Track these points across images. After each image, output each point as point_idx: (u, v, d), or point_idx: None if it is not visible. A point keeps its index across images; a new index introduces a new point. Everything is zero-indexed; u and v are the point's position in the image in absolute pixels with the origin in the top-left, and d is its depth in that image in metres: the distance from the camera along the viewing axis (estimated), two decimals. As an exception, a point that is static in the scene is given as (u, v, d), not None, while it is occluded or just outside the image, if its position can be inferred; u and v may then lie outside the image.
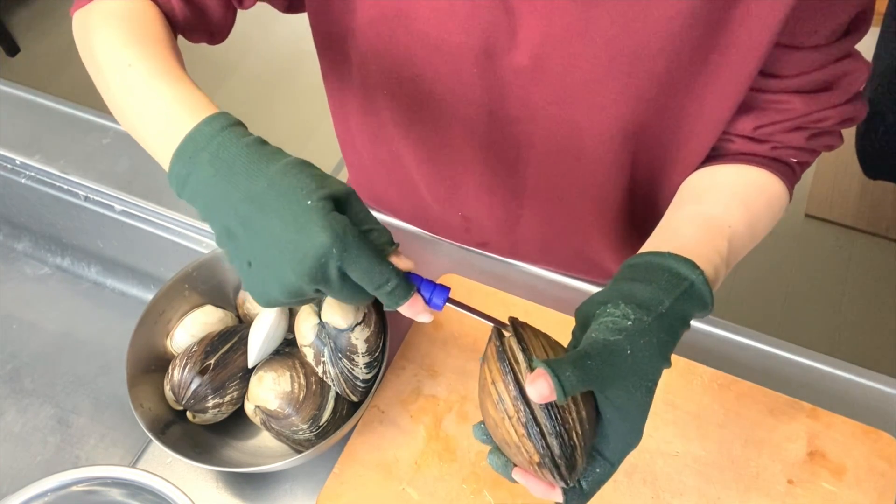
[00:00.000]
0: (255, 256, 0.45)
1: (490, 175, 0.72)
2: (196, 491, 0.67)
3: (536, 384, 0.42)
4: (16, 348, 0.83)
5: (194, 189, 0.46)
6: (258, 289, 0.47)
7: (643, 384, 0.44)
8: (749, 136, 0.62)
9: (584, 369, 0.42)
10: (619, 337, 0.44)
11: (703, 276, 0.48)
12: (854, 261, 1.93)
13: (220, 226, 0.46)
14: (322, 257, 0.43)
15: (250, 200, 0.44)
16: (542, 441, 0.44)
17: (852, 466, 0.63)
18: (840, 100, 0.59)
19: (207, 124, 0.47)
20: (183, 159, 0.46)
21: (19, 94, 0.97)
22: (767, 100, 0.60)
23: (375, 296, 0.47)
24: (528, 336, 0.48)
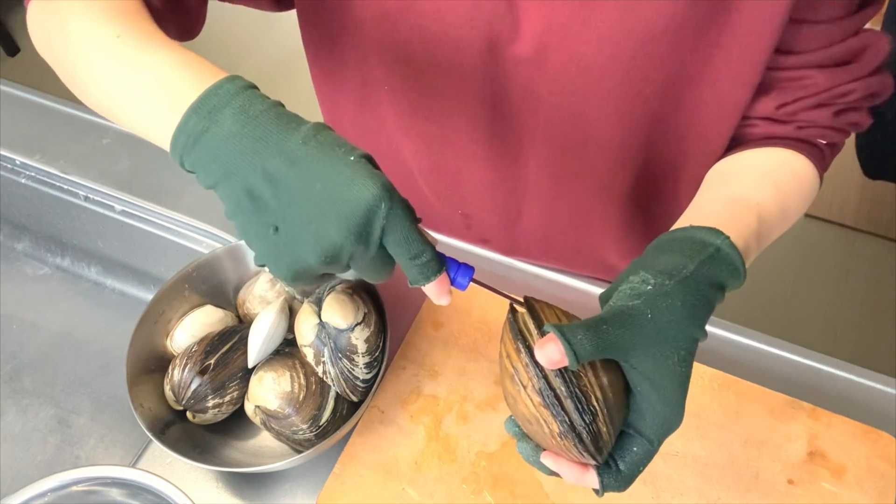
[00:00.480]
0: (286, 218, 0.41)
1: (491, 170, 0.72)
2: (196, 491, 0.67)
3: (545, 348, 0.40)
4: (16, 348, 0.83)
5: (210, 147, 0.41)
6: (286, 256, 0.42)
7: (674, 352, 0.42)
8: (772, 117, 0.60)
9: (597, 333, 0.40)
10: (638, 301, 0.42)
11: (729, 241, 0.46)
12: (854, 261, 1.93)
13: (239, 187, 0.41)
14: (370, 211, 0.40)
15: (283, 156, 0.40)
16: (559, 405, 0.41)
17: (852, 466, 0.63)
18: (863, 72, 0.58)
19: (230, 81, 0.43)
20: (200, 114, 0.42)
21: (19, 94, 0.97)
22: (788, 77, 0.58)
23: (405, 267, 0.44)
24: (541, 307, 0.46)
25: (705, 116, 0.61)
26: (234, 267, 0.73)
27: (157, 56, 0.45)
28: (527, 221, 0.78)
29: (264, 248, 0.43)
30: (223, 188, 0.42)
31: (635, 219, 0.75)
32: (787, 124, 0.61)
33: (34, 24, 0.54)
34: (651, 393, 0.42)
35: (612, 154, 0.66)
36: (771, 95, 0.60)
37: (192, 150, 0.42)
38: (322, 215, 0.40)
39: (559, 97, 0.61)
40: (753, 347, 0.72)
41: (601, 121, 0.63)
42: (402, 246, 0.42)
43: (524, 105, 0.64)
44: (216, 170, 0.41)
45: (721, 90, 0.59)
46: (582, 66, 0.58)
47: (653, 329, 0.41)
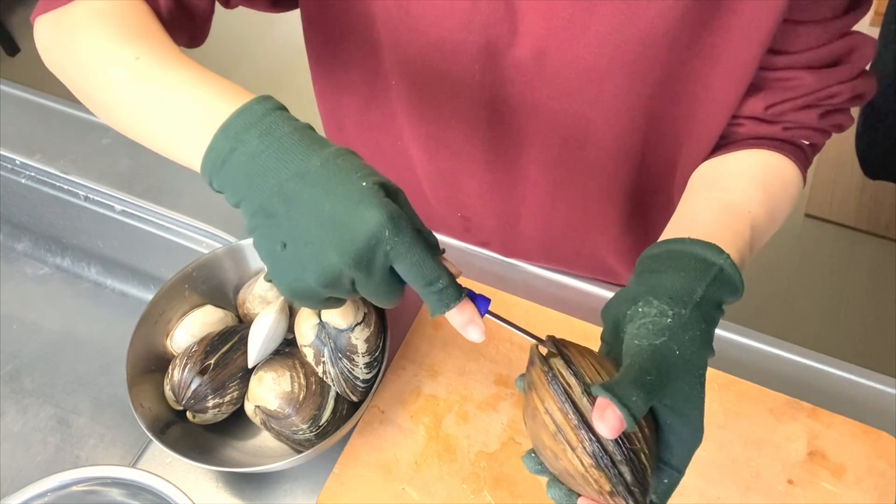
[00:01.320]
0: (293, 236, 0.42)
1: (490, 173, 0.72)
2: (196, 491, 0.67)
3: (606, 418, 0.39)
4: (16, 348, 0.83)
5: (235, 165, 0.43)
6: (290, 273, 0.43)
7: (696, 380, 0.42)
8: (759, 117, 0.61)
9: (646, 389, 0.40)
10: (665, 338, 0.42)
11: (731, 260, 0.46)
12: (854, 261, 1.93)
13: (257, 203, 0.42)
14: (372, 238, 0.40)
15: (300, 177, 0.41)
16: (614, 469, 0.41)
17: (852, 466, 0.63)
18: (850, 75, 0.58)
19: (258, 103, 0.44)
20: (229, 134, 0.43)
21: (19, 94, 0.97)
22: (777, 77, 0.59)
23: (423, 296, 0.44)
24: (574, 356, 0.44)
25: (699, 115, 0.62)
26: (234, 267, 0.73)
27: (179, 77, 0.47)
28: (525, 224, 0.78)
29: (271, 263, 0.44)
30: (245, 204, 0.43)
31: (632, 219, 0.75)
32: (774, 124, 0.61)
33: (43, 41, 0.55)
34: (679, 425, 0.42)
35: (610, 155, 0.66)
36: (760, 95, 0.60)
37: (220, 170, 0.43)
38: (325, 238, 0.41)
39: (558, 100, 0.61)
40: (753, 347, 0.72)
41: (600, 123, 0.63)
42: (415, 273, 0.42)
43: (522, 108, 0.64)
44: (240, 187, 0.43)
45: (714, 89, 0.59)
46: (581, 70, 0.58)
47: (682, 364, 0.42)
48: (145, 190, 0.85)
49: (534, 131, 0.66)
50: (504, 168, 0.71)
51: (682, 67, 0.57)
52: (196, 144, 0.45)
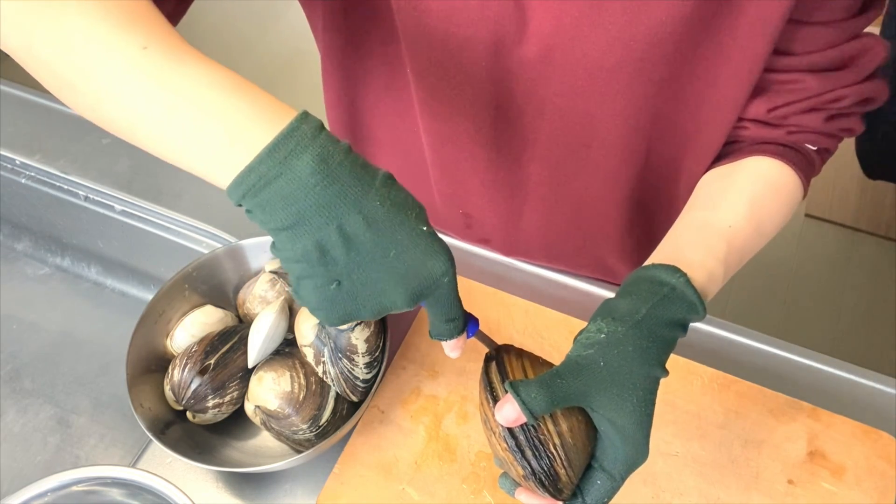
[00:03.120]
0: (351, 276, 0.42)
1: (494, 170, 0.72)
2: (196, 491, 0.67)
3: (503, 409, 0.45)
4: (16, 348, 0.83)
5: (281, 194, 0.39)
6: (343, 309, 0.43)
7: (631, 394, 0.45)
8: (763, 119, 0.61)
9: (550, 388, 0.44)
10: (591, 351, 0.46)
11: (685, 278, 0.48)
12: (854, 261, 1.93)
13: (310, 239, 0.40)
14: (436, 283, 0.43)
15: (360, 215, 0.40)
16: (520, 453, 0.47)
17: (852, 466, 0.63)
18: (856, 78, 0.58)
19: (304, 122, 0.40)
20: (276, 158, 0.39)
21: (19, 94, 0.97)
22: (780, 80, 0.58)
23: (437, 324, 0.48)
24: (508, 359, 0.51)
25: (705, 114, 0.61)
26: (234, 267, 0.73)
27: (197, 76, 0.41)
28: (527, 222, 0.78)
29: (320, 299, 0.43)
30: (290, 236, 0.41)
31: (635, 218, 0.75)
32: (777, 128, 0.61)
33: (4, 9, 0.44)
34: (613, 433, 0.46)
35: (615, 153, 0.66)
36: (763, 98, 0.60)
37: (258, 193, 0.40)
38: (392, 281, 0.42)
39: (565, 98, 0.61)
40: (753, 347, 0.72)
41: (606, 121, 0.63)
42: (444, 309, 0.46)
43: (528, 106, 0.64)
44: (285, 217, 0.40)
45: (720, 88, 0.59)
46: (588, 68, 0.58)
47: (606, 375, 0.45)
48: (145, 190, 0.85)
49: (539, 129, 0.66)
50: (508, 165, 0.71)
51: (689, 67, 0.57)
52: (221, 159, 0.40)
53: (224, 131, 0.40)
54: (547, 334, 0.72)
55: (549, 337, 0.72)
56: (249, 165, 0.39)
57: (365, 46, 0.69)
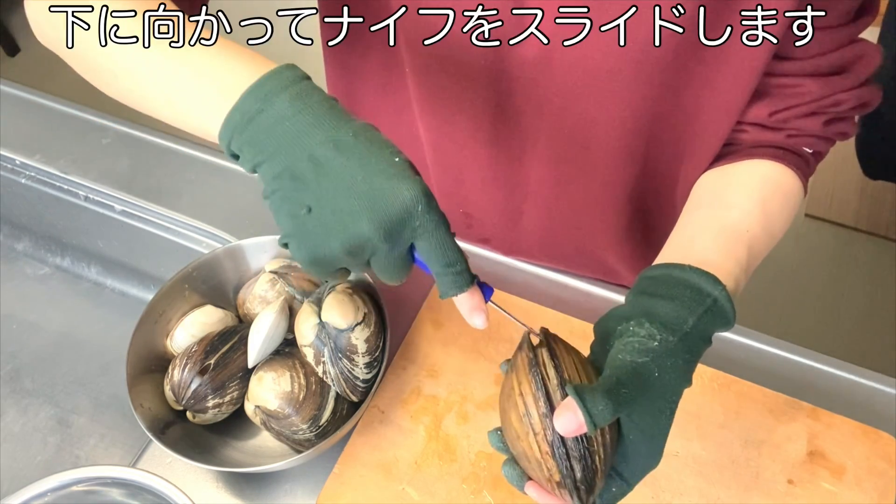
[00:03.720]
0: (321, 201, 0.42)
1: (494, 169, 0.72)
2: (196, 491, 0.67)
3: (566, 417, 0.41)
4: (16, 348, 0.83)
5: (262, 126, 0.43)
6: (313, 237, 0.43)
7: (668, 406, 0.44)
8: (763, 123, 0.61)
9: (616, 401, 0.42)
10: (647, 359, 0.44)
11: (726, 292, 0.47)
12: (854, 261, 1.93)
13: (283, 165, 0.42)
14: (406, 211, 0.41)
15: (332, 143, 0.42)
16: (567, 462, 0.43)
17: (852, 466, 0.63)
18: (854, 83, 0.58)
19: (289, 69, 0.44)
20: (257, 95, 0.43)
21: (19, 94, 0.97)
22: (781, 84, 0.59)
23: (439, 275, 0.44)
24: (560, 351, 0.46)
25: (704, 118, 0.61)
26: (234, 267, 0.73)
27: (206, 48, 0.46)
28: (527, 221, 0.78)
29: (293, 226, 0.43)
30: (267, 165, 0.43)
31: (635, 219, 0.75)
32: (777, 132, 0.61)
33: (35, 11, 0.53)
34: (640, 443, 0.44)
35: (614, 155, 0.66)
36: (764, 102, 0.60)
37: (243, 130, 0.43)
38: (357, 206, 0.41)
39: (564, 98, 0.62)
40: (753, 347, 0.72)
41: (605, 123, 0.63)
42: (437, 252, 0.43)
43: (528, 106, 0.64)
44: (264, 148, 0.43)
45: (720, 93, 0.59)
46: (587, 69, 0.58)
47: (657, 386, 0.44)
48: (145, 190, 0.85)
49: (538, 129, 0.66)
50: (507, 165, 0.71)
51: (688, 70, 0.57)
52: (215, 106, 0.44)
53: (216, 85, 0.45)
54: (547, 334, 0.72)
55: (549, 337, 0.72)
56: (234, 105, 0.43)
57: (365, 45, 0.69)
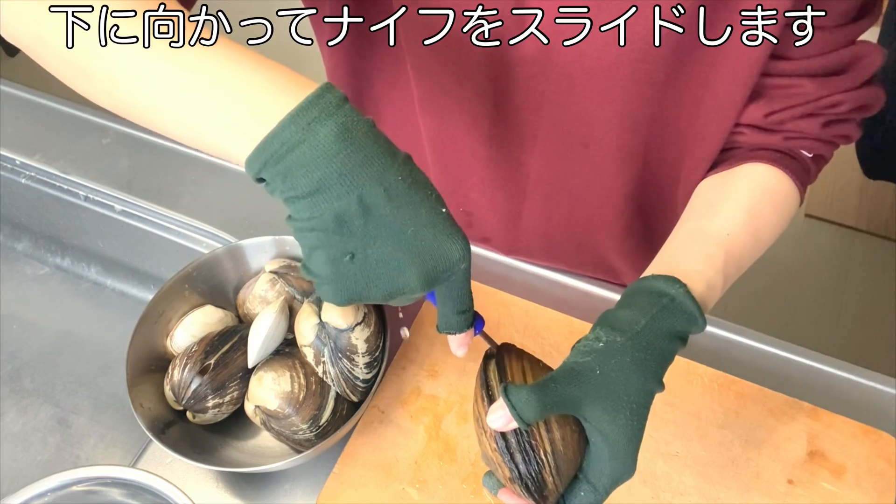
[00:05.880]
0: (367, 249, 0.40)
1: (493, 168, 0.72)
2: (196, 491, 0.67)
3: (493, 413, 0.44)
4: (16, 348, 0.83)
5: (303, 160, 0.39)
6: (355, 285, 0.41)
7: (625, 406, 0.44)
8: (759, 125, 0.60)
9: (543, 393, 0.43)
10: (588, 358, 0.45)
11: (685, 289, 0.48)
12: (854, 261, 1.93)
13: (330, 207, 0.39)
14: (452, 267, 0.42)
15: (382, 189, 0.39)
16: (509, 455, 0.46)
17: (852, 466, 0.63)
18: (853, 84, 0.58)
19: (329, 91, 0.40)
20: (299, 124, 0.39)
21: (19, 94, 0.97)
22: (777, 84, 0.58)
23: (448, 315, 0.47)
24: (509, 360, 0.50)
25: (703, 118, 0.61)
26: (234, 267, 0.73)
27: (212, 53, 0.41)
28: (527, 220, 0.78)
29: (332, 271, 0.41)
30: (308, 202, 0.40)
31: (635, 219, 0.75)
32: (774, 134, 0.60)
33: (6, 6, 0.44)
34: (602, 446, 0.45)
35: (613, 154, 0.66)
36: (760, 103, 0.59)
37: (281, 160, 0.39)
38: (406, 260, 0.41)
39: (562, 96, 0.62)
40: (753, 347, 0.72)
41: (603, 121, 0.63)
42: (456, 300, 0.45)
43: (526, 103, 0.64)
44: (306, 184, 0.39)
45: (718, 92, 0.59)
46: (586, 67, 0.58)
47: (602, 384, 0.44)
48: (145, 190, 0.85)
49: (537, 126, 0.66)
50: (507, 163, 0.71)
51: (685, 70, 0.57)
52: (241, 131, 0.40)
53: (244, 104, 0.40)
54: (547, 334, 0.72)
55: (549, 337, 0.72)
56: (273, 132, 0.39)
57: (367, 43, 0.69)
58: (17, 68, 2.54)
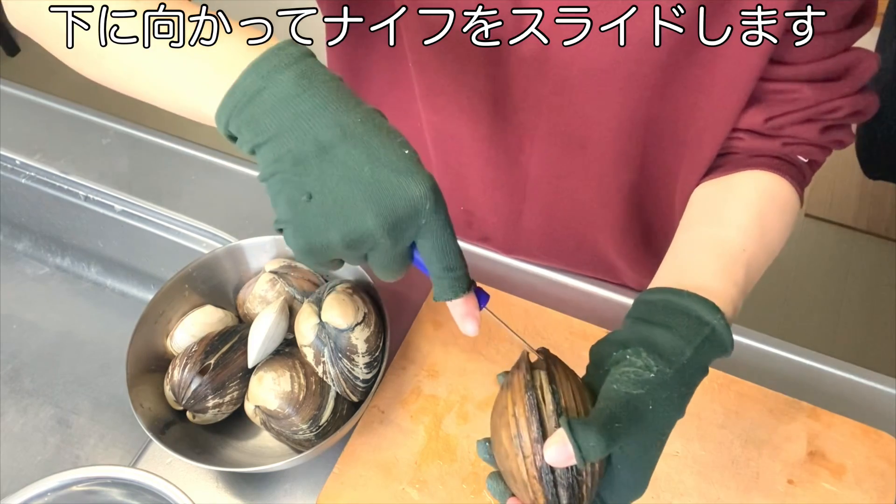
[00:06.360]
0: (324, 189, 0.40)
1: (493, 167, 0.72)
2: (196, 491, 0.67)
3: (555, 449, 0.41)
4: (16, 348, 0.83)
5: (264, 105, 0.40)
6: (312, 226, 0.41)
7: (658, 438, 0.44)
8: (758, 130, 0.60)
9: (609, 435, 0.41)
10: (642, 391, 0.43)
11: (724, 320, 0.47)
12: (854, 261, 1.93)
13: (285, 148, 0.40)
14: (413, 208, 0.39)
15: (339, 128, 0.40)
16: (553, 489, 0.43)
17: (852, 466, 0.63)
18: (850, 89, 0.58)
19: (291, 45, 0.42)
20: (260, 72, 0.41)
21: (19, 94, 0.97)
22: (776, 89, 0.58)
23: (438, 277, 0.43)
24: (559, 376, 0.46)
25: (700, 121, 0.61)
26: (234, 267, 0.73)
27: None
28: (527, 220, 0.78)
29: (291, 212, 0.41)
30: (268, 147, 0.41)
31: (634, 219, 0.75)
32: (773, 139, 0.60)
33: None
34: (628, 474, 0.44)
35: (610, 156, 0.66)
36: (759, 108, 0.59)
37: (243, 109, 0.41)
38: (362, 197, 0.39)
39: (560, 96, 0.62)
40: (753, 347, 0.72)
41: (601, 123, 0.63)
42: (439, 254, 0.42)
43: (525, 103, 0.64)
44: (266, 128, 0.41)
45: (716, 95, 0.58)
46: (584, 68, 0.58)
47: (651, 420, 0.43)
48: (145, 190, 0.85)
49: (536, 126, 0.66)
50: (506, 162, 0.71)
51: (683, 72, 0.57)
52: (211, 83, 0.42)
53: (211, 62, 0.43)
54: (547, 334, 0.72)
55: (550, 337, 0.72)
56: (236, 82, 0.41)
57: (367, 43, 0.69)
58: (17, 68, 2.55)
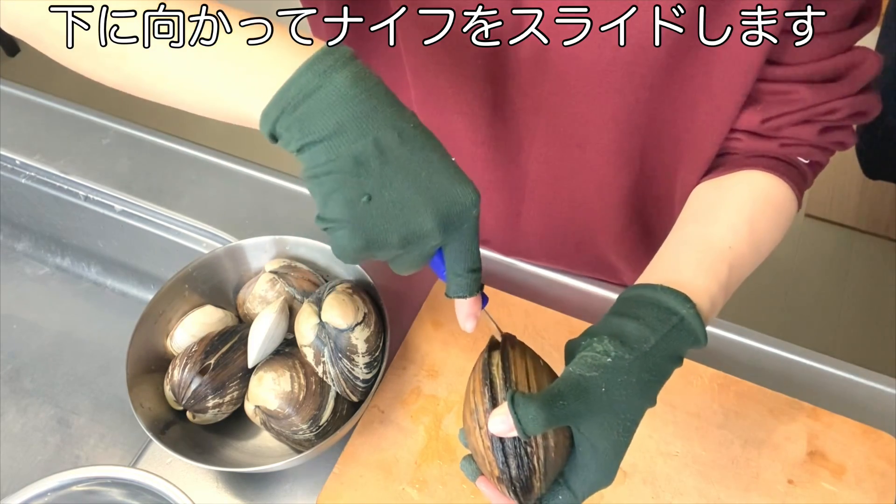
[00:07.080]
0: (382, 191, 0.41)
1: (491, 169, 0.72)
2: (196, 491, 0.67)
3: (496, 419, 0.44)
4: (16, 348, 0.83)
5: (322, 104, 0.40)
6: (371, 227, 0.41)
7: (620, 423, 0.44)
8: (756, 131, 0.60)
9: (550, 410, 0.43)
10: (596, 374, 0.45)
11: (695, 310, 0.47)
12: (854, 261, 1.93)
13: (347, 148, 0.40)
14: (465, 212, 0.42)
15: (396, 132, 0.41)
16: (503, 458, 0.46)
17: (852, 466, 0.63)
18: (850, 90, 0.57)
19: (342, 47, 0.42)
20: (315, 71, 0.40)
21: (19, 94, 0.97)
22: (774, 90, 0.58)
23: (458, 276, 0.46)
24: (514, 355, 0.49)
25: (698, 122, 0.61)
26: (234, 267, 0.73)
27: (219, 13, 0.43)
28: (526, 221, 0.78)
29: (349, 214, 0.41)
30: (325, 146, 0.41)
31: (632, 219, 0.75)
32: (770, 140, 0.60)
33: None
34: (590, 457, 0.45)
35: (608, 157, 0.66)
36: (756, 108, 0.59)
37: (298, 106, 0.41)
38: (421, 200, 0.41)
39: (559, 97, 0.62)
40: (753, 347, 0.72)
41: (599, 123, 0.63)
42: (468, 255, 0.45)
43: (524, 105, 0.64)
44: (323, 128, 0.40)
45: (714, 97, 0.58)
46: (581, 69, 0.58)
47: (605, 402, 0.44)
48: (145, 190, 0.85)
49: (535, 127, 0.66)
50: (505, 165, 0.71)
51: (681, 72, 0.57)
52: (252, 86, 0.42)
53: (253, 61, 0.42)
54: (547, 334, 0.72)
55: (549, 337, 0.72)
56: (290, 79, 0.41)
57: (367, 44, 0.69)
58: (17, 68, 2.55)
